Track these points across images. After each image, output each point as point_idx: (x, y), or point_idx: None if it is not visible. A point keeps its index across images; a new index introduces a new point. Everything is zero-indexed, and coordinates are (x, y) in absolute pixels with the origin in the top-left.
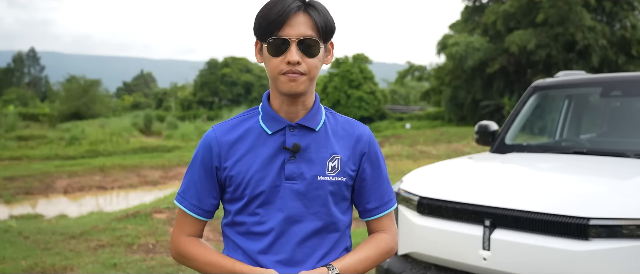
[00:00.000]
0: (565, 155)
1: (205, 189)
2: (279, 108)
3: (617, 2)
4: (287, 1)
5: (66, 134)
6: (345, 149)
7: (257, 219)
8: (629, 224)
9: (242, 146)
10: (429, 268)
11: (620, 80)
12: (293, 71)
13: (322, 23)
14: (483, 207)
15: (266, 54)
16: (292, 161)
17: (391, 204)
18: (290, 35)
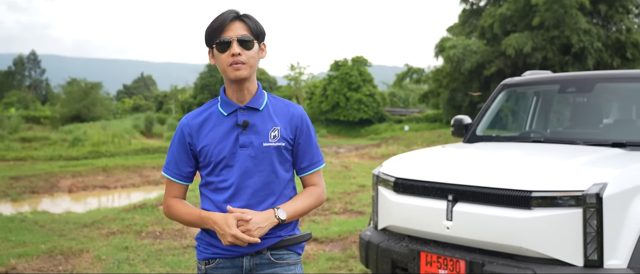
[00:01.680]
0: (524, 143)
1: (183, 161)
2: (231, 95)
3: (612, 5)
4: (225, 14)
5: (68, 136)
6: (283, 122)
7: (221, 178)
8: (563, 195)
9: (207, 126)
10: (403, 239)
11: (573, 78)
12: (236, 61)
13: (254, 27)
14: (447, 184)
15: (216, 53)
16: (243, 133)
17: (319, 164)
18: (231, 36)
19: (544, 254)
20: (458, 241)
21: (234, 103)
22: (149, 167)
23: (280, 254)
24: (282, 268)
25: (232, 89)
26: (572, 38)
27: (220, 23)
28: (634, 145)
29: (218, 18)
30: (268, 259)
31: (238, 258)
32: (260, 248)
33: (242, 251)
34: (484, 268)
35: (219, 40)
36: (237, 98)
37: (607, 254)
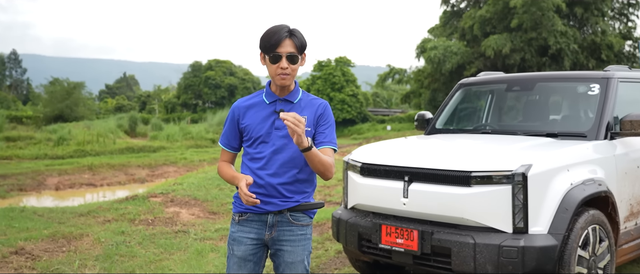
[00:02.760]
0: (474, 134)
1: (232, 135)
2: (275, 90)
3: (588, 8)
4: (281, 32)
5: (53, 136)
6: (310, 113)
7: (258, 151)
8: (496, 174)
9: (252, 110)
10: (368, 215)
11: (518, 79)
12: (283, 73)
13: (299, 44)
14: (403, 168)
15: (268, 62)
16: (279, 118)
17: (332, 144)
18: (282, 52)
19: (481, 223)
20: (412, 215)
21: (275, 95)
22: (134, 166)
23: (296, 216)
24: (297, 227)
25: (276, 87)
26: (549, 40)
27: (276, 40)
28: (564, 135)
29: (275, 33)
30: (287, 218)
31: (265, 214)
32: (282, 208)
33: (268, 209)
34: (433, 236)
35: (273, 54)
36: (279, 92)
37: (531, 222)
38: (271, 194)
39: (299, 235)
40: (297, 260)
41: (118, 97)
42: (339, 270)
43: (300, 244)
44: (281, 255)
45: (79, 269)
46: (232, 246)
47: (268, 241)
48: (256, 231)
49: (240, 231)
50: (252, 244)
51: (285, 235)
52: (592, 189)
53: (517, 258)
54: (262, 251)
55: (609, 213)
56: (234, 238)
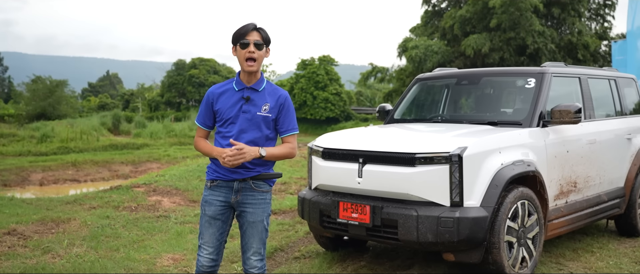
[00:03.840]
0: (426, 123)
1: (207, 115)
2: (243, 78)
3: (565, 8)
4: (249, 26)
5: (36, 133)
6: (272, 101)
7: (227, 130)
8: (436, 156)
9: (224, 96)
10: (328, 194)
11: (466, 74)
12: (251, 57)
13: (265, 36)
14: (358, 151)
15: (238, 49)
16: (245, 104)
17: (294, 130)
18: (250, 40)
19: (423, 198)
20: (366, 192)
21: (243, 84)
22: (117, 162)
23: (258, 183)
24: (258, 193)
25: (244, 74)
26: (527, 39)
27: (245, 31)
28: (502, 123)
29: (244, 26)
30: (250, 185)
31: (232, 181)
32: (246, 176)
33: (234, 177)
34: (382, 210)
35: (242, 41)
36: (246, 81)
37: (466, 197)
38: (240, 165)
39: (260, 199)
40: (258, 220)
41: (101, 95)
42: (305, 247)
43: (260, 207)
44: (245, 216)
45: (68, 247)
46: (204, 207)
47: (234, 204)
48: (224, 194)
49: (211, 195)
50: (220, 206)
51: (248, 199)
52: (521, 169)
53: (453, 228)
54: (229, 212)
55: (538, 191)
56: (206, 200)
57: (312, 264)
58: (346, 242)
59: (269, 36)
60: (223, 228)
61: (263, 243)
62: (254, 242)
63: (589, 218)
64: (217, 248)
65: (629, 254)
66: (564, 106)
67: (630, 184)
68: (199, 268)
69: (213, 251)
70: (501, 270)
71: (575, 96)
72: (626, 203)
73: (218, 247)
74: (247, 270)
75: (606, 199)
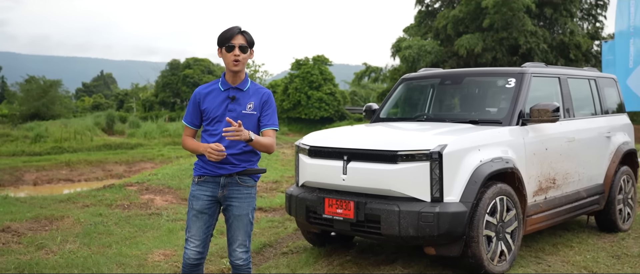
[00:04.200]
0: (411, 122)
1: (194, 115)
2: (228, 79)
3: (557, 9)
4: (234, 30)
5: (30, 133)
6: (256, 100)
7: (214, 128)
8: (417, 153)
9: (210, 96)
10: (314, 190)
11: (449, 74)
12: (236, 60)
13: (248, 39)
14: (343, 149)
15: (224, 52)
16: (231, 103)
17: (274, 126)
18: (235, 43)
19: (405, 194)
20: (350, 188)
21: (229, 84)
22: (111, 162)
23: (243, 178)
24: (243, 188)
25: (229, 75)
26: (520, 39)
27: (230, 34)
28: (483, 122)
29: (229, 31)
30: (236, 181)
31: (218, 177)
32: (232, 172)
33: (221, 173)
34: (366, 206)
35: (228, 44)
36: (232, 81)
37: (446, 192)
38: (224, 161)
39: (245, 194)
40: (243, 213)
41: (95, 95)
42: (293, 243)
43: (245, 201)
44: (230, 209)
45: (61, 244)
46: (191, 202)
47: (220, 198)
48: (211, 189)
49: (198, 190)
50: (207, 200)
51: (234, 193)
52: (499, 166)
53: (433, 222)
54: (215, 206)
55: (517, 187)
56: (194, 195)
57: (299, 259)
58: (333, 238)
59: (252, 39)
60: (209, 222)
61: (248, 235)
62: (240, 234)
63: (568, 213)
64: (203, 241)
65: (606, 249)
66: (543, 105)
67: (609, 181)
68: (186, 260)
69: (199, 244)
70: (480, 263)
71: (555, 95)
72: (605, 200)
73: (204, 240)
74: (233, 261)
75: (585, 195)
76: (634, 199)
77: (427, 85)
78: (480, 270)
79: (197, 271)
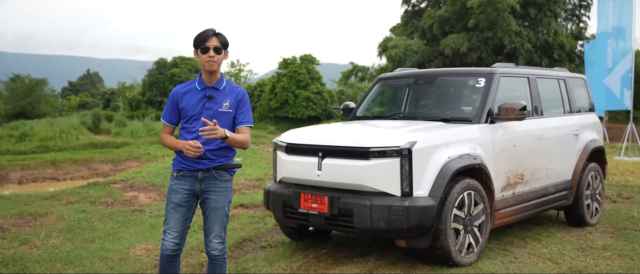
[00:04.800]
0: (385, 120)
1: (172, 113)
2: (205, 79)
3: (541, 9)
4: (209, 32)
5: (15, 132)
6: (232, 98)
7: (192, 125)
8: (388, 150)
9: (187, 95)
10: (291, 186)
11: (423, 74)
12: (211, 60)
13: (223, 41)
14: (318, 146)
15: (200, 53)
16: (208, 102)
17: (249, 123)
18: (210, 45)
19: (376, 189)
20: (325, 184)
21: (205, 83)
22: (97, 161)
23: (220, 173)
24: (220, 182)
25: (205, 74)
26: (504, 39)
27: (205, 36)
28: (454, 120)
29: (204, 33)
30: (213, 175)
31: (196, 171)
32: (209, 166)
33: (199, 168)
34: (339, 200)
35: (203, 46)
36: (208, 81)
37: (415, 187)
38: (202, 157)
39: (222, 187)
40: (220, 206)
41: (81, 94)
42: (272, 237)
43: (222, 194)
44: (208, 202)
45: (45, 239)
46: (170, 195)
47: (198, 192)
48: (190, 183)
49: (177, 184)
50: (186, 194)
51: (211, 187)
52: (467, 162)
53: (403, 216)
54: (193, 200)
55: (485, 182)
56: (173, 189)
57: (276, 253)
58: (311, 232)
59: (227, 40)
60: (187, 215)
61: (224, 227)
62: (216, 226)
63: (536, 208)
64: (181, 232)
65: (573, 242)
66: (510, 104)
67: (577, 178)
68: (164, 252)
69: (177, 236)
70: (448, 255)
71: (524, 94)
72: (574, 195)
73: (182, 232)
74: (209, 252)
75: (554, 191)
76: (602, 195)
77: (403, 84)
78: (449, 261)
79: (174, 262)
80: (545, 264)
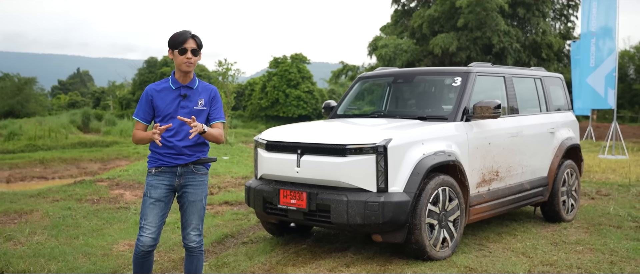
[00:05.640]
0: (365, 118)
1: (146, 111)
2: (179, 78)
3: (530, 9)
4: (187, 34)
5: (3, 131)
6: (206, 96)
7: (167, 124)
8: (364, 147)
9: (161, 94)
10: (271, 183)
11: (401, 73)
12: (188, 62)
13: (199, 43)
14: (297, 143)
15: (177, 54)
16: (183, 100)
17: (222, 119)
18: (188, 47)
19: (353, 185)
20: (303, 180)
21: (180, 83)
22: (86, 160)
23: (197, 167)
24: (198, 176)
25: (180, 74)
26: (493, 39)
27: (183, 38)
28: (430, 118)
29: (182, 34)
30: (191, 169)
31: (175, 167)
32: (188, 161)
33: (178, 163)
34: (317, 196)
35: (181, 48)
36: (182, 80)
37: (391, 183)
38: (180, 153)
39: (200, 181)
40: (198, 199)
41: (71, 93)
42: (254, 233)
43: (200, 188)
44: (186, 195)
45: (29, 235)
46: (149, 191)
47: (177, 187)
48: (169, 179)
49: (156, 180)
50: (165, 189)
51: (189, 181)
52: (441, 159)
53: (378, 211)
54: (171, 194)
55: (459, 179)
56: (152, 184)
57: (257, 248)
58: (292, 228)
59: (202, 43)
60: (165, 210)
61: (201, 219)
62: (194, 219)
63: (511, 204)
64: (158, 228)
65: (547, 237)
66: (485, 102)
67: (553, 174)
68: (141, 248)
69: (155, 231)
70: (422, 249)
71: (500, 93)
72: (549, 191)
73: (159, 227)
74: (187, 244)
75: (529, 187)
76: (578, 191)
77: (383, 83)
78: (423, 256)
79: (149, 258)
80: (518, 258)
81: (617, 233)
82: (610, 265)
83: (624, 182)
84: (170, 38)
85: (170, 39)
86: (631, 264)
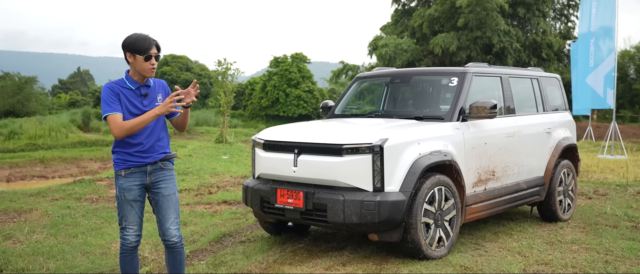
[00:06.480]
0: (363, 118)
1: (117, 102)
2: (137, 79)
3: (530, 9)
4: (150, 40)
5: (4, 130)
6: (162, 92)
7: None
8: (360, 146)
9: (123, 94)
10: (268, 182)
11: (398, 73)
12: (153, 68)
13: (159, 49)
14: (294, 142)
15: (139, 58)
16: (144, 99)
17: (176, 114)
18: (152, 54)
19: (350, 184)
20: (300, 179)
21: (138, 83)
22: (86, 159)
23: (165, 163)
24: (167, 171)
25: (138, 76)
26: (493, 39)
27: (148, 45)
28: (427, 118)
29: (146, 40)
30: (159, 166)
31: (144, 166)
32: (157, 159)
33: (147, 162)
34: (314, 196)
35: (146, 55)
36: (140, 80)
37: (387, 183)
38: (150, 150)
39: (169, 176)
40: (172, 192)
41: (72, 92)
42: (252, 232)
43: (171, 182)
44: (159, 191)
45: (28, 234)
46: (123, 194)
47: (148, 185)
48: (139, 179)
49: (128, 182)
50: (138, 189)
51: (160, 177)
52: (437, 158)
53: (374, 210)
54: (144, 193)
55: (456, 178)
56: (124, 187)
57: (254, 247)
58: (290, 227)
59: (160, 47)
60: (142, 208)
61: (178, 213)
62: (171, 213)
63: (508, 203)
64: (139, 225)
65: (543, 236)
66: (481, 103)
67: (549, 174)
68: (127, 246)
69: (137, 229)
70: (418, 248)
71: (496, 93)
72: (546, 191)
73: (140, 224)
74: (168, 240)
75: (526, 187)
76: (575, 191)
77: (381, 83)
78: (419, 255)
79: (135, 254)
80: (514, 257)
81: (613, 232)
82: (605, 264)
83: (621, 182)
84: (131, 42)
85: (132, 43)
86: (626, 264)
